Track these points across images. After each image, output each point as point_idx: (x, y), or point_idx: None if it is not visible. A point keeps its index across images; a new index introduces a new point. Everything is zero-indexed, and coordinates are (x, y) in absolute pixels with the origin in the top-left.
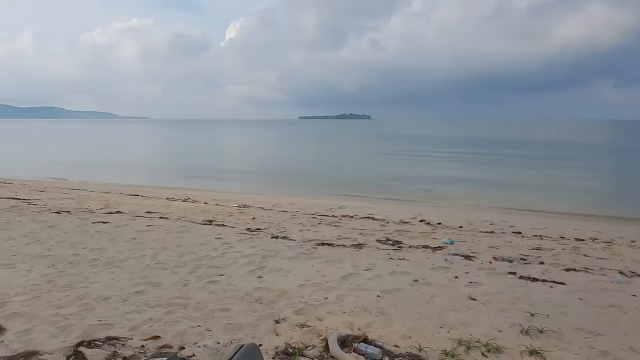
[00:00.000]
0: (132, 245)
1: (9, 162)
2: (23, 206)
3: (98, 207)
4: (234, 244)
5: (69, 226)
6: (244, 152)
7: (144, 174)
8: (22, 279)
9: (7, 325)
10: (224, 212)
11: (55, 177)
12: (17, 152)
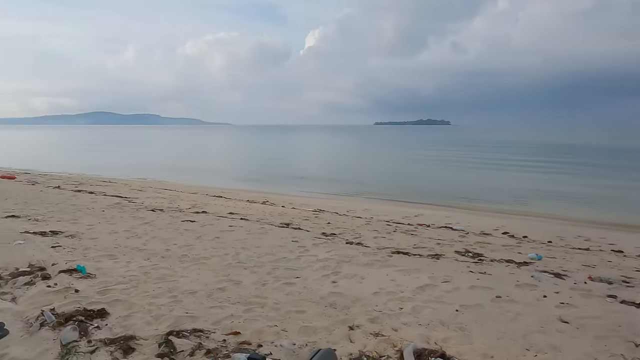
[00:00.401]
0: (216, 243)
1: (114, 163)
2: (124, 203)
3: (187, 207)
4: (309, 247)
5: (162, 223)
6: (319, 157)
7: (227, 177)
8: (122, 269)
9: (111, 310)
10: (300, 215)
11: (150, 178)
12: (120, 154)
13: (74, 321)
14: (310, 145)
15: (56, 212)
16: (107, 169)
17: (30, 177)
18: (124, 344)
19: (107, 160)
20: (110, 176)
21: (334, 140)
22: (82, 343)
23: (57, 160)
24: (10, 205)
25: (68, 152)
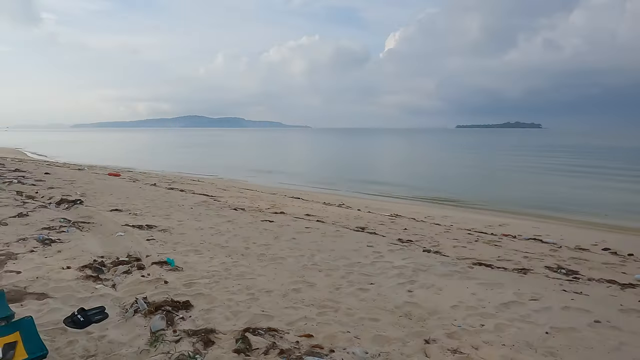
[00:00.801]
0: (292, 244)
1: (202, 163)
2: (210, 202)
3: (266, 207)
4: (384, 253)
5: (243, 222)
6: (397, 160)
7: (305, 179)
8: (206, 264)
9: (195, 302)
10: (376, 220)
11: (234, 178)
12: (208, 155)
13: (163, 311)
14: (388, 149)
15: (152, 207)
16: (196, 168)
17: (132, 175)
18: (204, 337)
19: (197, 160)
20: (198, 175)
21: (413, 144)
22: (169, 332)
23: (155, 159)
24: (115, 200)
25: (164, 153)
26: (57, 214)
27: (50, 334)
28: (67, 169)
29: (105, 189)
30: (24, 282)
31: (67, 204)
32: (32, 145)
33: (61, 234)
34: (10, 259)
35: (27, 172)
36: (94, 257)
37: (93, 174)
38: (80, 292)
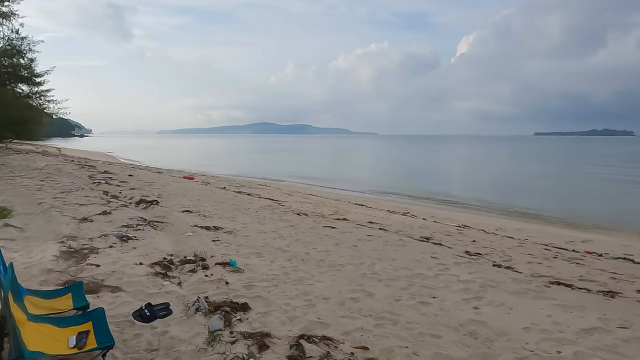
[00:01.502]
0: (353, 251)
1: (270, 169)
2: (275, 206)
3: (329, 213)
4: (450, 266)
5: (305, 227)
6: (467, 169)
7: (370, 186)
8: (266, 267)
9: (252, 305)
10: (442, 230)
11: (299, 183)
12: (276, 161)
13: (221, 311)
14: (457, 156)
15: (220, 210)
16: (264, 173)
17: (205, 179)
18: (260, 340)
19: (265, 165)
20: (265, 180)
21: (485, 151)
22: (226, 333)
23: (226, 164)
24: (187, 202)
25: (235, 158)
26: (135, 213)
27: (120, 326)
28: (148, 171)
29: (180, 191)
30: (101, 275)
31: (145, 204)
32: (121, 150)
33: (137, 231)
34: (93, 253)
35: (114, 174)
36: (163, 255)
37: (170, 176)
38: (149, 287)
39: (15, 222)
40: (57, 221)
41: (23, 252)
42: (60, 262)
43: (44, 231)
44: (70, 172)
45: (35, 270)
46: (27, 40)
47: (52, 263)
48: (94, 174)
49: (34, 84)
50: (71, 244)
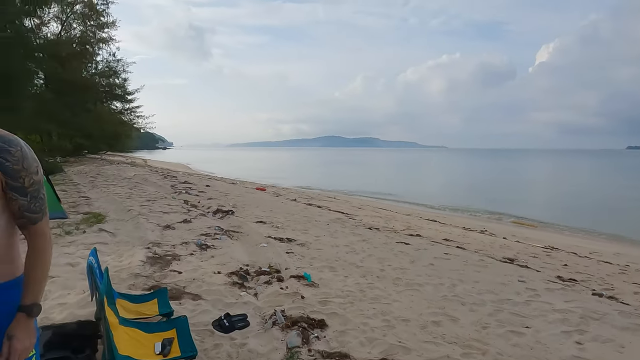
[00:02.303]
0: (430, 270)
1: (339, 181)
2: (345, 219)
3: (401, 228)
4: (541, 292)
5: (378, 242)
6: (549, 185)
7: (442, 201)
8: (340, 283)
9: (329, 322)
10: (527, 251)
11: (368, 196)
12: (345, 173)
13: (299, 327)
14: (537, 172)
15: (292, 222)
16: (333, 186)
17: (276, 190)
18: None
19: (333, 178)
20: (334, 192)
21: (570, 167)
22: (304, 350)
23: (295, 176)
24: (260, 213)
25: (304, 170)
26: (213, 222)
27: (201, 335)
28: (223, 182)
29: (253, 202)
30: (183, 282)
31: (222, 213)
32: (198, 161)
33: (215, 240)
34: (175, 260)
35: (193, 184)
36: (240, 264)
37: (243, 187)
38: (227, 297)
39: (108, 227)
40: (144, 227)
41: (114, 256)
42: (146, 267)
43: (133, 237)
44: (155, 181)
45: (125, 274)
46: (121, 62)
47: (140, 268)
48: (176, 184)
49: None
50: (156, 250)
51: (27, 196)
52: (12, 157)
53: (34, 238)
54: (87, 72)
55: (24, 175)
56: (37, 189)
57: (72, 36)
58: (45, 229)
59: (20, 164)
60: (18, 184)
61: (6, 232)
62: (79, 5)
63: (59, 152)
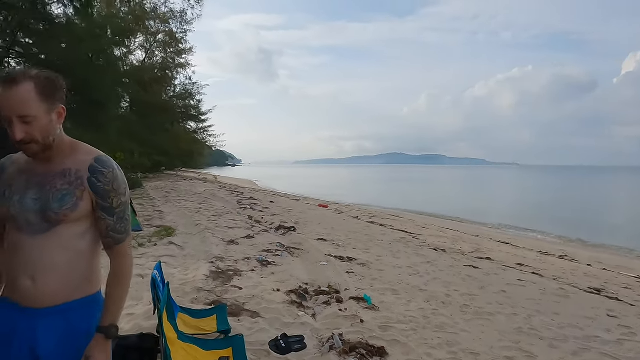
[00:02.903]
0: (502, 298)
1: (403, 199)
2: (409, 239)
3: (469, 250)
4: (637, 330)
5: (443, 264)
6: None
7: (513, 222)
8: (402, 307)
9: (390, 350)
10: (616, 281)
11: (434, 215)
12: (410, 191)
13: (357, 353)
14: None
15: (353, 240)
16: (396, 204)
17: (338, 207)
18: None
19: (397, 196)
20: (397, 210)
21: None
22: None
23: (358, 193)
24: (322, 230)
25: (367, 188)
26: (275, 239)
27: (257, 354)
28: (286, 199)
29: (315, 218)
30: (243, 299)
31: (284, 230)
32: (264, 178)
33: (276, 257)
34: (236, 275)
35: (258, 200)
36: (299, 283)
37: (306, 204)
38: (285, 316)
39: (177, 240)
40: (210, 242)
41: (181, 269)
42: (209, 282)
43: (199, 250)
44: (223, 197)
45: (189, 288)
46: (196, 85)
47: (203, 282)
48: (242, 200)
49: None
50: (219, 264)
51: (114, 217)
52: (104, 178)
53: (117, 258)
54: (166, 95)
55: (113, 196)
56: (123, 210)
57: (154, 62)
58: (127, 250)
59: (110, 185)
60: (107, 204)
61: (90, 249)
62: (161, 34)
63: (140, 168)
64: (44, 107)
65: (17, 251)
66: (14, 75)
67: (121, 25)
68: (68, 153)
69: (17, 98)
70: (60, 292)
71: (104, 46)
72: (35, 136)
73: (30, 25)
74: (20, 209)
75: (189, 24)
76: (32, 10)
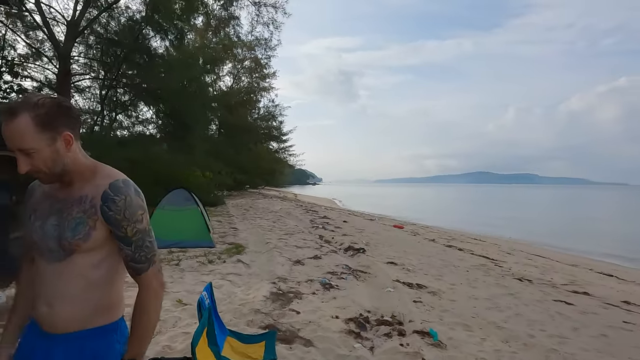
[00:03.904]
0: (602, 344)
1: (487, 221)
2: (490, 266)
3: (562, 282)
4: None
5: (529, 298)
6: None
7: (621, 249)
8: (475, 346)
9: None
10: None
11: (521, 239)
12: (497, 213)
13: None
14: None
15: (425, 265)
16: (478, 226)
17: (414, 228)
18: None
19: (481, 217)
20: (480, 234)
21: None
22: None
23: (438, 214)
24: (393, 253)
25: (449, 208)
26: (342, 260)
27: None
28: (362, 218)
29: (387, 240)
30: (299, 324)
31: (353, 251)
32: (342, 197)
33: (340, 280)
34: (297, 298)
35: (331, 219)
36: (360, 310)
37: (381, 224)
38: (340, 347)
39: (245, 258)
40: (275, 261)
41: (244, 288)
42: (267, 304)
43: (264, 270)
44: (297, 215)
45: (247, 309)
46: (279, 107)
47: (261, 304)
48: (315, 219)
49: (281, 141)
50: (281, 285)
51: (131, 246)
52: (115, 206)
53: (140, 289)
54: (250, 117)
55: (125, 225)
56: (141, 238)
57: (240, 87)
58: (150, 281)
59: (122, 214)
60: (121, 234)
61: (107, 278)
62: (247, 61)
63: (224, 186)
64: (44, 138)
65: (38, 276)
66: (13, 107)
67: (211, 55)
68: (88, 177)
69: (15, 131)
70: (74, 319)
71: (196, 74)
72: (40, 167)
73: (134, 58)
74: (41, 235)
75: (273, 50)
76: (135, 45)
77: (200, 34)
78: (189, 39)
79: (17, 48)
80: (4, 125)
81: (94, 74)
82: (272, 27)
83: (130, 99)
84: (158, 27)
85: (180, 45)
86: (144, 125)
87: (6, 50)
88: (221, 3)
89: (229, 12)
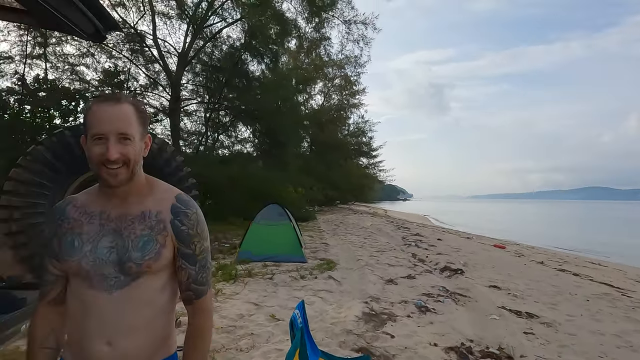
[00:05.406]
0: None
1: (607, 243)
2: (616, 296)
3: None
4: None
5: None
6: None
7: None
8: None
9: None
10: None
11: None
12: (618, 234)
13: None
14: None
15: (534, 290)
16: (596, 248)
17: (518, 249)
18: None
19: (598, 238)
20: (598, 257)
21: None
22: None
23: (545, 234)
24: (495, 275)
25: (559, 227)
26: (438, 281)
27: None
28: (457, 236)
29: (488, 261)
30: (393, 350)
31: (449, 272)
32: (434, 213)
33: (437, 303)
34: (390, 320)
35: (424, 236)
36: (462, 339)
37: (479, 243)
38: None
39: (337, 275)
40: (367, 279)
41: (335, 306)
42: (360, 325)
43: (355, 288)
44: (388, 232)
45: (339, 329)
46: (368, 123)
47: (353, 324)
48: (407, 236)
49: (371, 157)
50: (373, 305)
51: (196, 265)
52: (188, 220)
53: (197, 314)
54: (340, 134)
55: (196, 242)
56: (205, 257)
57: (331, 104)
58: (209, 305)
59: (194, 229)
60: (189, 251)
61: (169, 305)
62: (337, 79)
63: (315, 202)
64: (140, 130)
65: (87, 311)
66: (118, 95)
67: (303, 75)
68: (146, 192)
69: (121, 115)
70: (140, 356)
71: (289, 94)
72: (129, 158)
73: (234, 82)
74: (93, 260)
75: (362, 66)
76: (235, 70)
77: (293, 56)
78: (282, 62)
79: (138, 80)
80: (110, 107)
81: (199, 98)
82: (362, 44)
83: (231, 120)
84: (255, 52)
85: (274, 67)
86: (242, 144)
87: (130, 82)
88: (313, 25)
89: (321, 34)
